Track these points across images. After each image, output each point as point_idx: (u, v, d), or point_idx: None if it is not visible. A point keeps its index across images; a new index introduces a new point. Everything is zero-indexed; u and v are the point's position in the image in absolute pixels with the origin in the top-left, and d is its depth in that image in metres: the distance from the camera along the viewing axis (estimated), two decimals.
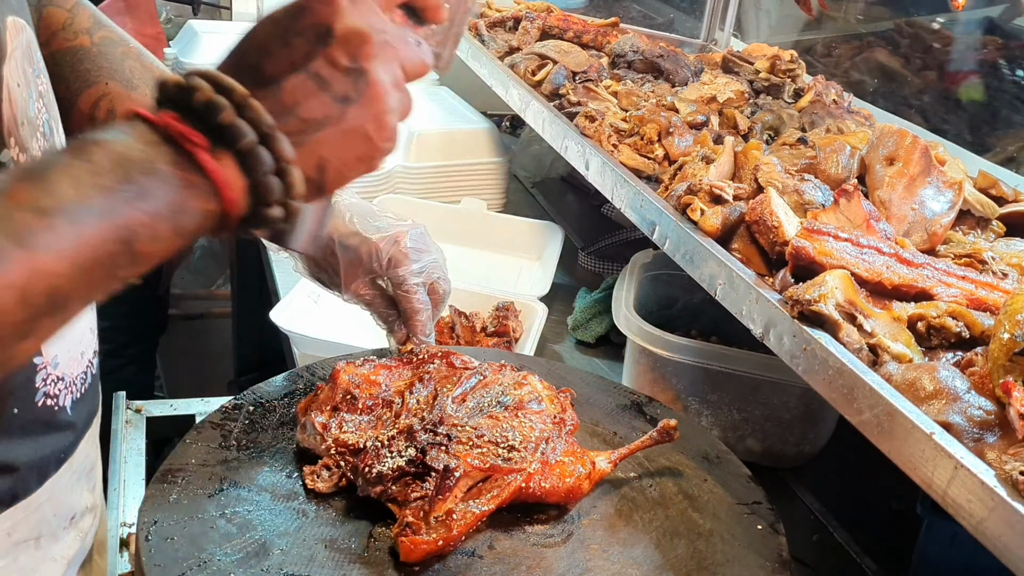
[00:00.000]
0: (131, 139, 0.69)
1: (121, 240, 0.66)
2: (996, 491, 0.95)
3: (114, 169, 0.67)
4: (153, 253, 0.69)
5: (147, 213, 0.67)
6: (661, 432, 1.31)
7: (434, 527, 1.10)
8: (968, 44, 2.93)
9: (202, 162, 0.69)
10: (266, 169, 0.71)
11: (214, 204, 0.71)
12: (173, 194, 0.68)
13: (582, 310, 2.08)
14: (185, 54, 2.66)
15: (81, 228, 0.64)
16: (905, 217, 1.53)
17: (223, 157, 0.70)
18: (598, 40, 2.67)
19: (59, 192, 0.64)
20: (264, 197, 0.72)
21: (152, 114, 0.70)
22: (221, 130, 0.70)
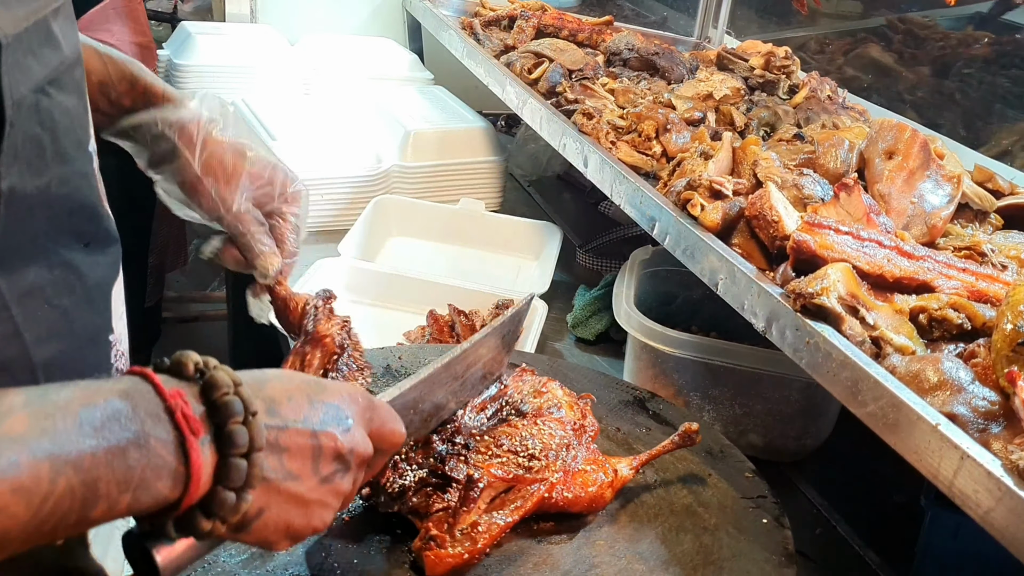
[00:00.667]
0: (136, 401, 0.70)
1: (84, 501, 0.66)
2: (1003, 480, 0.95)
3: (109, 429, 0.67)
4: (98, 521, 0.68)
5: (118, 482, 0.67)
6: (683, 436, 1.30)
7: (459, 540, 1.09)
8: (960, 39, 2.94)
9: (190, 451, 0.71)
10: (234, 484, 0.74)
11: (176, 493, 0.71)
12: (148, 471, 0.68)
13: (581, 307, 2.08)
14: (178, 55, 2.65)
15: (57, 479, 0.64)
16: (905, 210, 1.53)
17: (210, 455, 0.73)
18: (593, 38, 2.67)
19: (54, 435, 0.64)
20: (211, 509, 0.74)
21: (164, 385, 0.72)
22: (221, 431, 0.73)
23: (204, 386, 0.74)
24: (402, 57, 2.97)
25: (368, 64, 2.86)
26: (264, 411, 0.77)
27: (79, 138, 0.88)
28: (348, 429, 0.84)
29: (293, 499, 0.80)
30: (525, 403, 1.28)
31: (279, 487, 0.79)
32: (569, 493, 1.18)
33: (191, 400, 0.73)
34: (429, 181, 2.40)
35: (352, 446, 0.84)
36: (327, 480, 0.82)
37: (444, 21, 2.76)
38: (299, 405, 0.81)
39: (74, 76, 0.87)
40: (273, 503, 0.79)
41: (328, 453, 0.82)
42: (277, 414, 0.79)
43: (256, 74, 2.69)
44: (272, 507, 0.79)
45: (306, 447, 0.80)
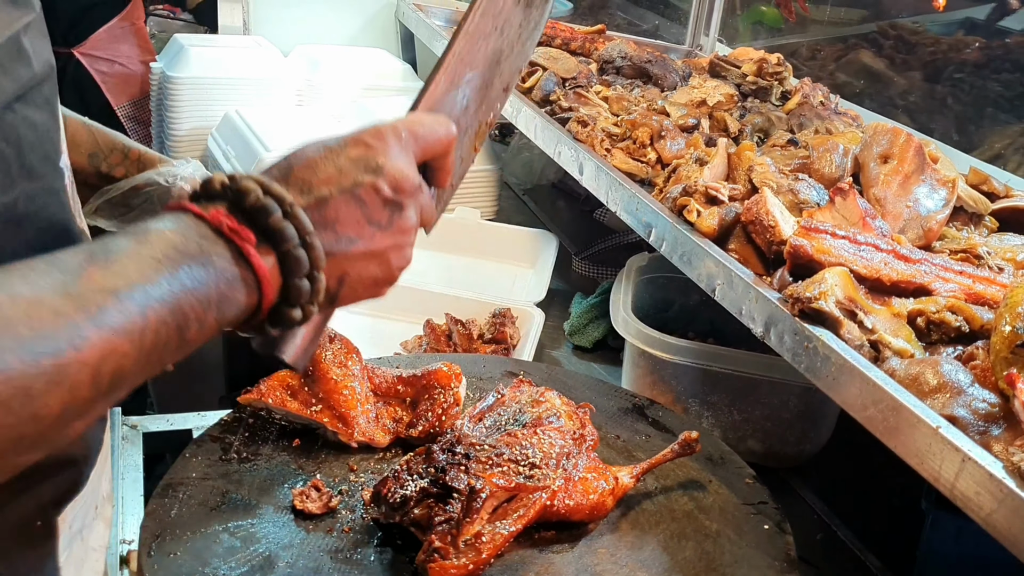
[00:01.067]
0: (185, 230, 0.73)
1: (177, 326, 0.70)
2: (1005, 482, 0.95)
3: (172, 258, 0.71)
4: (196, 340, 0.73)
5: (200, 301, 0.71)
6: (683, 445, 1.30)
7: (463, 551, 1.08)
8: (951, 44, 2.95)
9: (250, 257, 0.75)
10: (302, 272, 0.77)
11: (253, 298, 0.76)
12: (222, 285, 0.73)
13: (578, 315, 2.08)
14: (172, 68, 2.65)
15: (147, 312, 0.68)
16: (900, 214, 1.53)
17: (267, 255, 0.76)
18: (585, 47, 2.67)
19: (128, 276, 0.68)
20: (293, 298, 0.78)
21: (202, 210, 0.75)
22: (268, 231, 0.76)
23: (234, 198, 0.76)
24: (395, 67, 2.97)
25: (362, 74, 2.86)
26: (300, 195, 0.79)
27: (47, 153, 0.87)
28: (381, 170, 0.83)
29: (365, 256, 0.83)
30: (524, 413, 1.27)
31: (346, 254, 0.81)
32: (571, 501, 1.18)
33: (232, 213, 0.76)
34: None
35: (393, 184, 0.84)
36: (387, 225, 0.84)
37: (437, 31, 2.76)
38: (328, 174, 0.81)
39: (43, 91, 0.86)
40: (349, 269, 0.82)
41: (375, 203, 0.83)
42: (311, 193, 0.80)
43: (250, 85, 2.68)
44: (350, 272, 0.82)
45: (352, 209, 0.81)
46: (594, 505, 1.20)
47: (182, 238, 0.72)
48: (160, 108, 2.70)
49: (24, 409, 0.61)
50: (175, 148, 2.64)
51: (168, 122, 2.64)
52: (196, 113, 2.63)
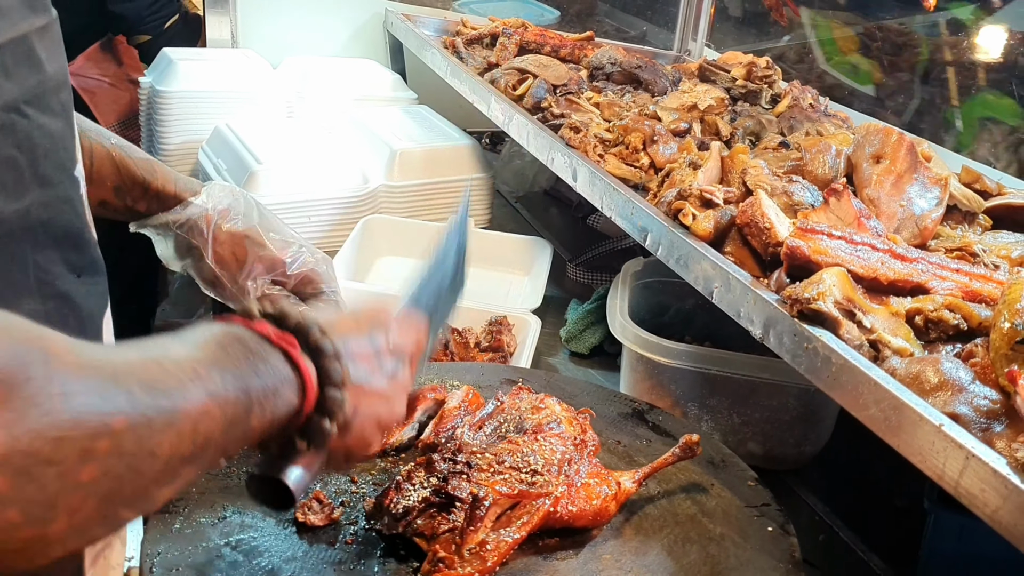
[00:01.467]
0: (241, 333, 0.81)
1: (245, 408, 0.77)
2: (1009, 478, 0.95)
3: (240, 352, 0.79)
4: (255, 429, 0.79)
5: (263, 390, 0.79)
6: (684, 448, 1.30)
7: (468, 560, 1.08)
8: (938, 45, 2.97)
9: (297, 361, 0.83)
10: (335, 382, 0.86)
11: (298, 398, 0.84)
12: (277, 381, 0.81)
13: (575, 322, 2.07)
14: (160, 82, 2.64)
15: (228, 387, 0.75)
16: (895, 214, 1.54)
17: (308, 363, 0.85)
18: (575, 54, 2.68)
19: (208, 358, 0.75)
20: (327, 407, 0.86)
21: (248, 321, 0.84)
22: (308, 344, 0.85)
23: (276, 319, 0.85)
24: (385, 77, 2.97)
25: (351, 85, 2.86)
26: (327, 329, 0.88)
27: (62, 162, 0.87)
28: (390, 328, 0.97)
29: (374, 395, 0.93)
30: (524, 420, 1.27)
31: (362, 387, 0.91)
32: (574, 507, 1.17)
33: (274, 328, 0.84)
34: (417, 200, 2.40)
35: (397, 344, 0.97)
36: (393, 375, 0.96)
37: (426, 41, 2.76)
38: (347, 324, 0.94)
39: (59, 98, 0.87)
40: (362, 402, 0.91)
41: (384, 353, 0.95)
42: (335, 332, 0.90)
43: (239, 98, 2.68)
44: (362, 405, 0.91)
45: (368, 351, 0.93)
46: (597, 511, 1.19)
47: (239, 340, 0.80)
48: (150, 123, 2.69)
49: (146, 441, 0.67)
50: (165, 162, 2.62)
51: (158, 136, 2.63)
52: (186, 127, 2.62)
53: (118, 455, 0.64)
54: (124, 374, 0.67)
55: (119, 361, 0.69)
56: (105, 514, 0.66)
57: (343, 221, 2.27)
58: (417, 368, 1.05)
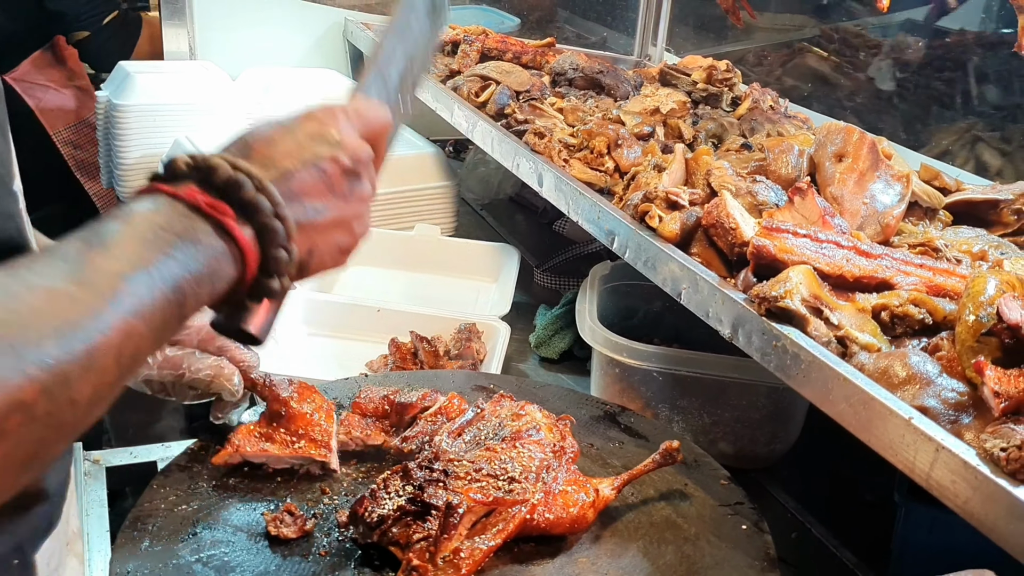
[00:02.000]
0: (166, 210, 0.75)
1: (178, 303, 0.72)
2: (979, 469, 0.96)
3: (163, 238, 0.72)
4: (190, 316, 0.75)
5: (194, 277, 0.73)
6: (664, 454, 1.29)
7: (442, 568, 1.06)
8: (892, 45, 3.01)
9: (231, 230, 0.76)
10: (279, 242, 0.79)
11: (238, 270, 0.78)
12: (211, 260, 0.75)
13: (544, 327, 2.07)
14: (117, 95, 2.60)
15: (154, 292, 0.70)
16: (858, 211, 1.55)
17: (245, 228, 0.78)
18: (536, 60, 2.68)
19: (129, 259, 0.69)
20: (271, 269, 0.80)
21: (174, 189, 0.76)
22: (243, 205, 0.77)
23: (205, 177, 0.77)
24: (347, 87, 2.95)
25: (313, 95, 2.84)
26: (264, 170, 0.80)
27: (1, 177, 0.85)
28: (338, 143, 0.87)
29: (331, 226, 0.86)
30: (503, 427, 1.26)
31: (314, 224, 0.84)
32: (551, 514, 1.17)
33: (205, 191, 0.77)
34: (382, 209, 2.38)
35: (351, 155, 0.87)
36: (348, 195, 0.87)
37: None
38: (288, 148, 0.84)
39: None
40: (317, 239, 0.85)
41: (336, 176, 0.86)
42: (275, 167, 0.82)
43: (199, 111, 2.64)
44: (318, 242, 0.85)
45: (316, 182, 0.85)
46: (574, 519, 1.19)
47: (166, 218, 0.74)
48: (107, 137, 2.65)
49: (63, 395, 0.62)
50: (125, 177, 2.59)
51: (116, 151, 2.59)
52: (145, 141, 2.59)
53: (31, 422, 0.61)
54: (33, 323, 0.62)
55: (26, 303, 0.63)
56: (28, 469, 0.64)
57: None
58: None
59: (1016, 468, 0.94)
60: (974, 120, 2.52)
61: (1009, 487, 0.93)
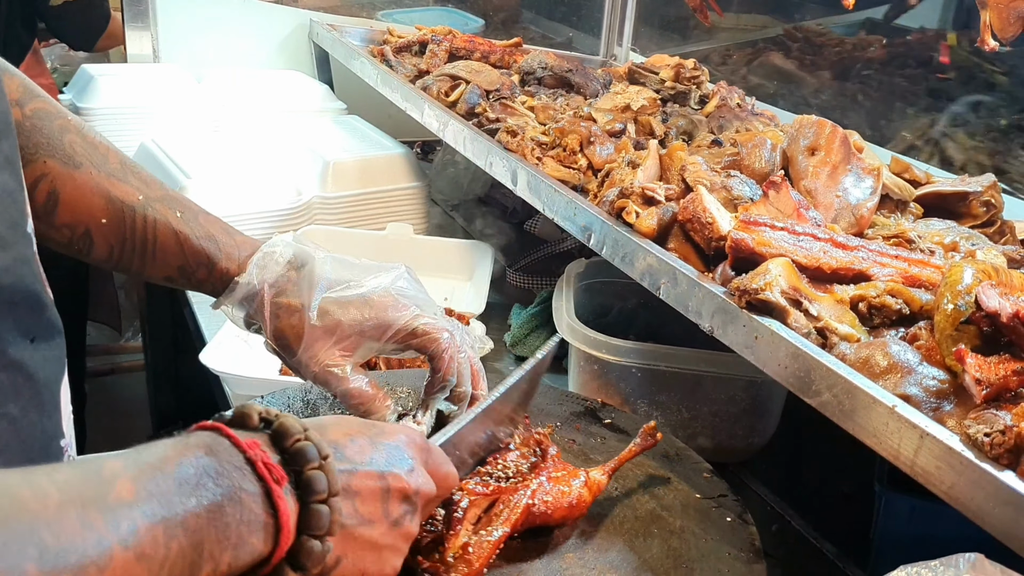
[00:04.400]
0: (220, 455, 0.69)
1: (192, 563, 0.65)
2: (964, 454, 0.97)
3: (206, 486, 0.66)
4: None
5: (220, 541, 0.67)
6: (644, 437, 1.30)
7: (453, 565, 1.05)
8: (855, 44, 3.05)
9: (277, 502, 0.70)
10: (318, 531, 0.73)
11: (267, 547, 0.71)
12: (243, 528, 0.68)
13: (519, 326, 2.07)
14: (81, 99, 2.57)
15: (171, 543, 0.63)
16: (831, 204, 1.57)
17: (292, 503, 0.72)
18: (505, 60, 2.68)
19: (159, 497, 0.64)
20: (300, 559, 0.73)
21: (240, 438, 0.71)
22: (300, 478, 0.72)
23: (275, 434, 0.73)
24: (313, 88, 2.93)
25: (279, 97, 2.82)
26: (332, 456, 0.76)
27: (14, 220, 0.81)
28: (412, 469, 0.83)
29: (368, 545, 0.79)
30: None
31: (355, 533, 0.78)
32: (549, 497, 1.17)
33: (266, 449, 0.72)
34: (353, 210, 2.37)
35: (418, 486, 0.84)
36: (397, 524, 0.82)
37: (355, 50, 2.74)
38: (363, 447, 0.81)
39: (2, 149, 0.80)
40: (349, 551, 0.78)
41: (396, 494, 0.81)
42: (345, 458, 0.78)
43: (163, 113, 2.62)
44: (348, 555, 0.78)
45: (376, 489, 0.80)
46: (571, 503, 1.19)
47: (217, 464, 0.68)
48: None
49: None
50: None
51: None
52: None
53: None
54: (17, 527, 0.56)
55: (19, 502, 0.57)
56: None
57: (278, 234, 2.23)
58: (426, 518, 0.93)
59: (1000, 453, 0.96)
60: (937, 116, 2.56)
61: (994, 471, 0.94)
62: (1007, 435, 0.95)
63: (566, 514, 1.19)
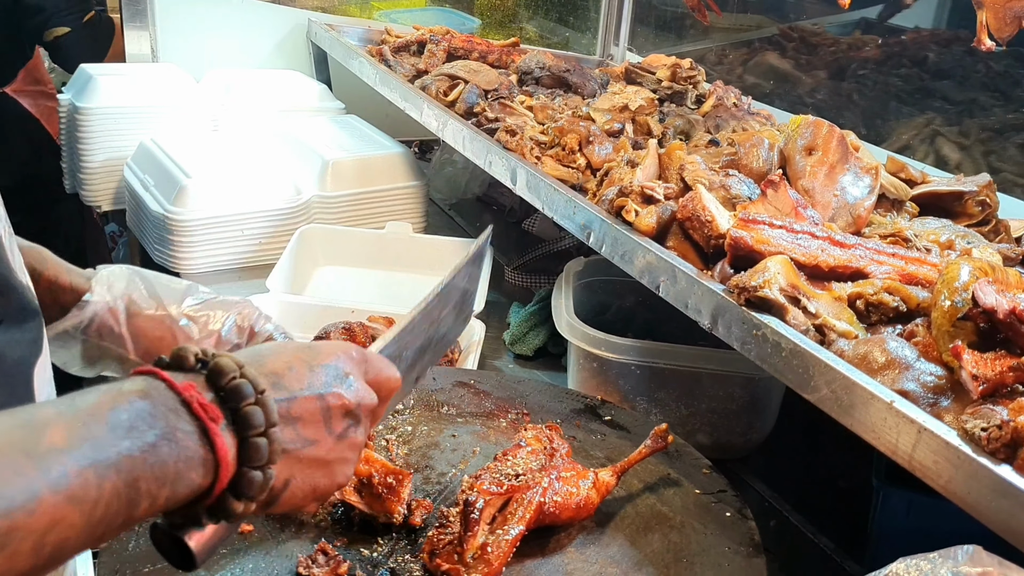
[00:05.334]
0: (155, 399, 0.71)
1: (129, 500, 0.67)
2: (961, 449, 0.99)
3: (139, 428, 0.68)
4: (142, 518, 0.70)
5: (157, 478, 0.69)
6: (655, 439, 1.31)
7: (473, 565, 1.07)
8: (850, 43, 3.07)
9: (214, 438, 0.72)
10: (259, 462, 0.75)
11: (207, 481, 0.73)
12: (181, 463, 0.70)
13: (518, 324, 2.08)
14: (80, 98, 2.57)
15: (104, 483, 0.65)
16: (829, 203, 1.58)
17: (230, 438, 0.74)
18: (502, 59, 2.69)
19: (91, 441, 0.65)
20: (242, 488, 0.75)
21: (174, 379, 0.73)
22: (236, 414, 0.75)
23: (210, 374, 0.75)
24: (311, 88, 2.94)
25: (277, 97, 2.82)
26: (270, 386, 0.78)
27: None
28: (351, 385, 0.86)
29: (315, 463, 0.83)
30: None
31: (299, 455, 0.81)
32: (559, 497, 1.18)
33: (202, 390, 0.74)
34: (351, 209, 2.38)
35: (358, 399, 0.86)
36: (342, 437, 0.85)
37: (353, 50, 2.74)
38: (300, 373, 0.83)
39: None
40: (297, 472, 0.81)
41: (337, 411, 0.84)
42: (282, 387, 0.80)
43: (163, 113, 2.62)
44: (296, 475, 0.81)
45: (316, 411, 0.82)
46: (579, 502, 1.20)
47: (151, 407, 0.70)
48: (71, 141, 2.62)
49: None
50: (89, 180, 2.56)
51: (80, 154, 2.55)
52: (109, 144, 2.55)
53: None
54: None
55: None
56: None
57: (277, 233, 2.24)
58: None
59: (997, 447, 0.97)
60: (932, 115, 2.58)
61: (991, 465, 0.96)
62: (1004, 430, 0.97)
63: (573, 515, 1.20)
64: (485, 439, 1.43)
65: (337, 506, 1.23)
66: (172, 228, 2.13)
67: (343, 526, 1.22)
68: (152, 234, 2.21)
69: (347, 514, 1.22)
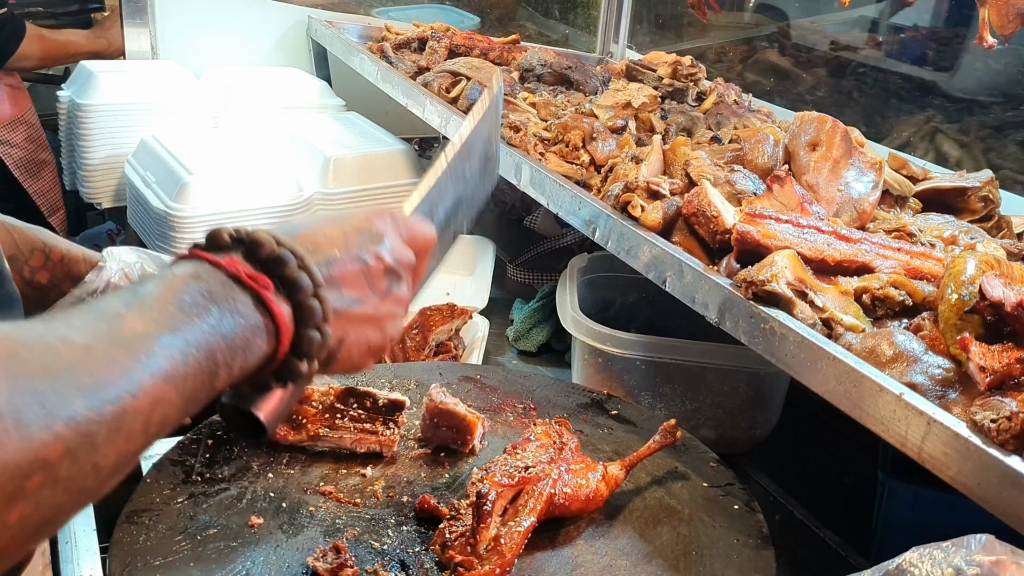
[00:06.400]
0: (207, 277, 0.74)
1: (210, 372, 0.71)
2: (971, 440, 0.99)
3: (202, 304, 0.72)
4: (222, 388, 0.73)
5: (229, 347, 0.72)
6: (663, 434, 1.32)
7: (486, 557, 1.07)
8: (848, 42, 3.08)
9: (270, 304, 0.76)
10: (315, 322, 0.79)
11: (271, 346, 0.77)
12: (246, 331, 0.74)
13: (522, 320, 2.08)
14: (80, 95, 2.57)
15: (188, 359, 0.68)
16: (834, 199, 1.59)
17: (283, 304, 0.78)
18: (504, 57, 2.69)
19: (166, 322, 0.68)
20: (303, 349, 0.79)
21: (218, 258, 0.76)
22: (284, 280, 0.78)
23: (248, 249, 0.78)
24: (312, 85, 2.94)
25: (278, 94, 2.82)
26: (308, 253, 0.81)
27: None
28: (386, 244, 0.89)
29: (364, 320, 0.87)
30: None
31: (348, 314, 0.85)
32: (568, 489, 1.19)
33: (245, 264, 0.77)
34: (353, 206, 2.38)
35: (395, 257, 0.90)
36: (386, 294, 0.89)
37: (354, 46, 2.74)
38: (334, 239, 0.86)
39: None
40: (349, 329, 0.85)
41: (377, 270, 0.88)
42: (319, 252, 0.83)
43: (164, 110, 2.62)
44: (349, 333, 0.85)
45: (357, 272, 0.86)
46: (589, 494, 1.21)
47: (206, 285, 0.73)
48: (71, 137, 2.61)
49: (87, 459, 0.60)
50: (89, 177, 2.56)
51: (80, 151, 2.55)
52: (110, 140, 2.55)
53: (53, 484, 0.57)
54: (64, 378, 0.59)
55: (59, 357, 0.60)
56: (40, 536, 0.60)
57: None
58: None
59: (1006, 438, 0.98)
60: (932, 113, 2.59)
61: (1001, 456, 0.96)
62: (1013, 421, 0.97)
63: (583, 507, 1.21)
64: (492, 433, 1.44)
65: None
66: (174, 225, 2.13)
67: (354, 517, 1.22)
68: (154, 231, 2.21)
69: None
